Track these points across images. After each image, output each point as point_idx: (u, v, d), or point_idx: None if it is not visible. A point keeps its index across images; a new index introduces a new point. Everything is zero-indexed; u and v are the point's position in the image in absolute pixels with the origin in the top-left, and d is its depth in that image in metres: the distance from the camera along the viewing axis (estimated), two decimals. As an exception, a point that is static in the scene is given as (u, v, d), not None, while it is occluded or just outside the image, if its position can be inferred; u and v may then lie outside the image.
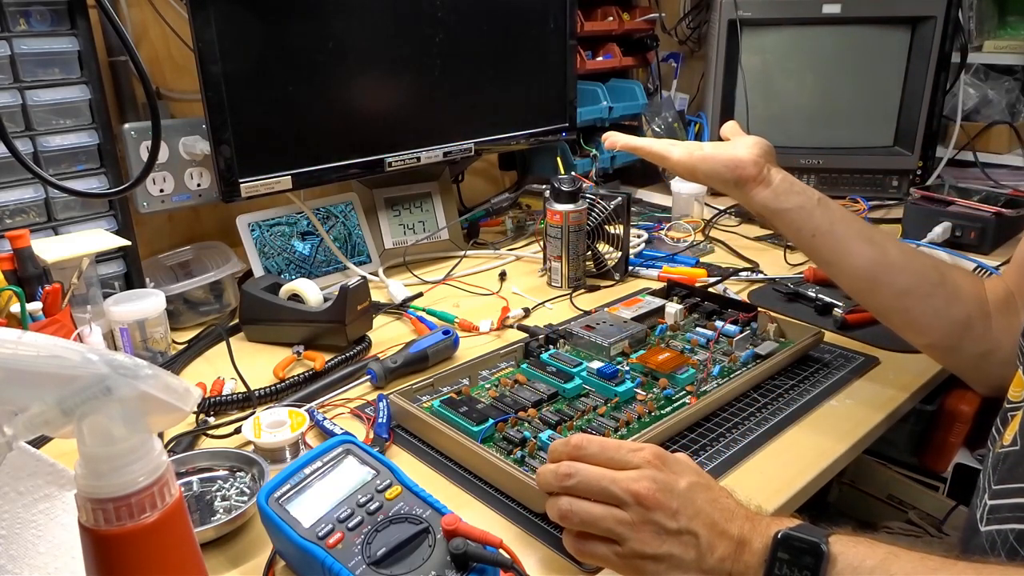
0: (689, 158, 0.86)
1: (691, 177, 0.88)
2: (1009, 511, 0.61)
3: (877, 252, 0.81)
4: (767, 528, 0.54)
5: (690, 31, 1.92)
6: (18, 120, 0.91)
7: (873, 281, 0.82)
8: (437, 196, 1.33)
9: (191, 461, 0.72)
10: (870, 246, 0.81)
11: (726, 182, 0.84)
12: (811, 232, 0.83)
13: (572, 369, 0.84)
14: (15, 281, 0.83)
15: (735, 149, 0.85)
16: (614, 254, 1.21)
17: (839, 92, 1.56)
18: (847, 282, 0.84)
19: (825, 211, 0.82)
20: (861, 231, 0.82)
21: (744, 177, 0.83)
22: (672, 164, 0.87)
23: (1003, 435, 0.67)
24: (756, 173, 0.83)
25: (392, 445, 0.77)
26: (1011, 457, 0.63)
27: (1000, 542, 0.61)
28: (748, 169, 0.83)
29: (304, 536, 0.54)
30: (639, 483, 0.55)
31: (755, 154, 0.84)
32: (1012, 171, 1.69)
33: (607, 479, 0.56)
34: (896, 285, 0.81)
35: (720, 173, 0.84)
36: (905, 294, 0.81)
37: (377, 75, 1.15)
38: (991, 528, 0.62)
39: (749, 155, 0.83)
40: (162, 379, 0.42)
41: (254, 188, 1.04)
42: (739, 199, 0.86)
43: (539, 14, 1.32)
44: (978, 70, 1.76)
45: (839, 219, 0.82)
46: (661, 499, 0.54)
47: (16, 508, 0.53)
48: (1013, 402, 0.68)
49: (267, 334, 1.01)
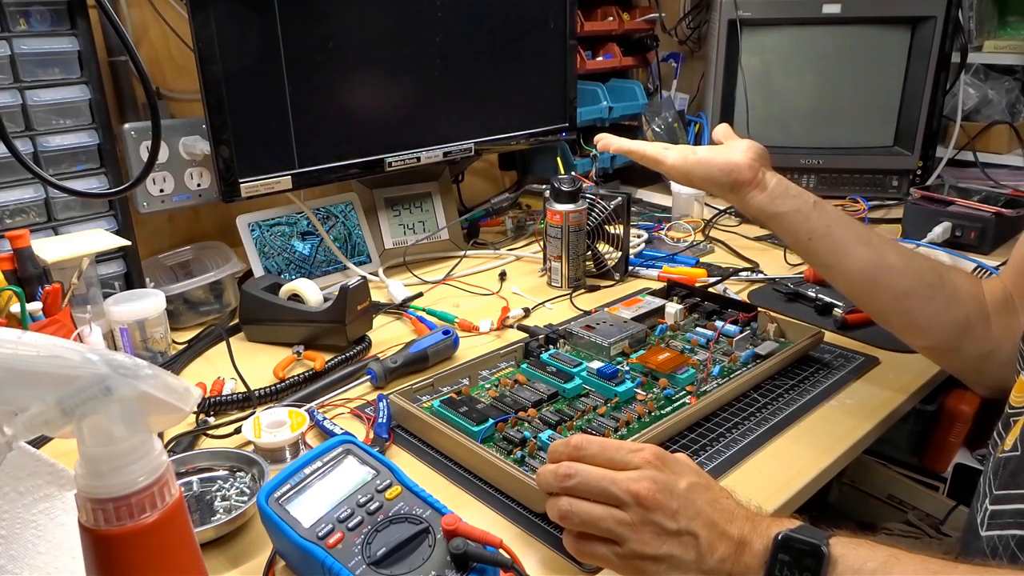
0: (684, 163, 0.85)
1: (686, 182, 0.87)
2: (1011, 517, 0.61)
3: (875, 254, 0.81)
4: (768, 529, 0.54)
5: (690, 31, 1.92)
6: (18, 120, 0.91)
7: (871, 284, 0.82)
8: (437, 196, 1.33)
9: (191, 461, 0.72)
10: (868, 248, 0.81)
11: (721, 186, 0.84)
12: (807, 235, 0.82)
13: (572, 369, 0.85)
14: (15, 281, 0.83)
15: (730, 153, 0.84)
16: (614, 254, 1.21)
17: (839, 92, 1.56)
18: (845, 285, 0.84)
19: (821, 214, 0.82)
20: (858, 233, 0.82)
21: (739, 181, 0.83)
22: (667, 169, 0.87)
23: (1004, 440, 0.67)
24: (752, 177, 0.82)
25: (392, 445, 0.77)
26: (1012, 463, 0.63)
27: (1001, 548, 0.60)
28: (743, 173, 0.82)
29: (304, 536, 0.54)
30: (639, 483, 0.55)
31: (750, 157, 0.83)
32: (1012, 171, 1.69)
33: (607, 480, 0.56)
34: (895, 287, 0.81)
35: (715, 177, 0.84)
36: (904, 296, 0.80)
37: (377, 75, 1.15)
38: (992, 533, 0.62)
39: (744, 159, 0.83)
40: (162, 379, 0.42)
41: (254, 188, 1.04)
42: (735, 203, 0.85)
43: (539, 14, 1.32)
44: (978, 70, 1.76)
45: (835, 222, 0.82)
46: (661, 500, 0.54)
47: (16, 508, 0.53)
48: (1015, 407, 0.68)
49: (267, 334, 1.01)
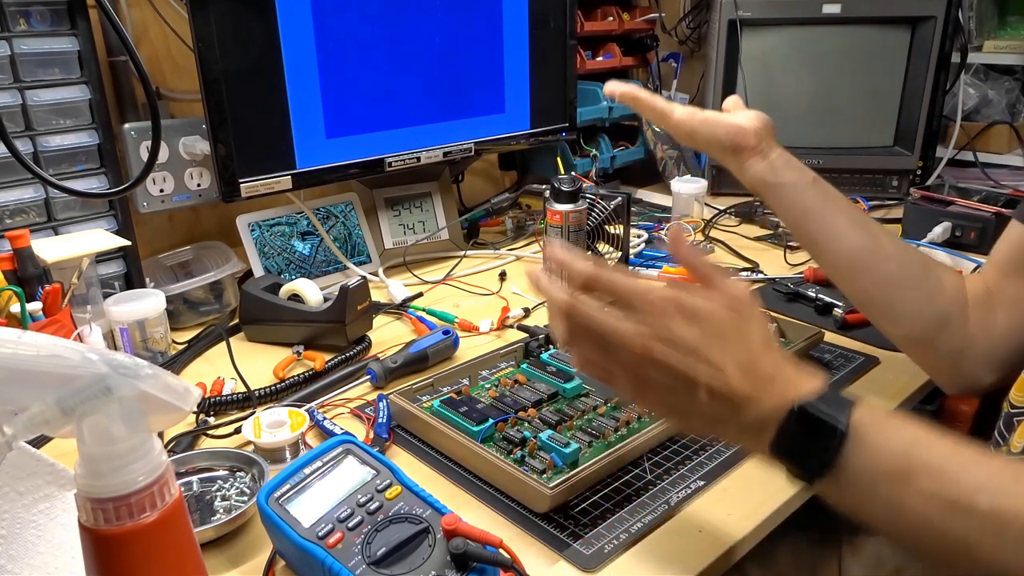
0: (690, 119, 0.84)
1: (689, 141, 0.86)
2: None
3: (866, 238, 0.80)
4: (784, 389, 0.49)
5: (690, 31, 1.92)
6: (18, 120, 0.91)
7: (858, 266, 0.81)
8: (437, 196, 1.33)
9: (191, 461, 0.72)
10: (860, 232, 0.81)
11: (724, 149, 0.84)
12: (802, 210, 0.82)
13: (572, 369, 0.84)
14: (15, 281, 0.83)
15: (736, 118, 0.84)
16: (614, 254, 1.21)
17: (839, 92, 1.56)
18: (831, 266, 0.83)
19: (818, 191, 0.82)
20: (852, 216, 0.82)
21: (742, 145, 0.82)
22: (672, 123, 0.86)
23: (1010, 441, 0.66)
24: (756, 143, 0.82)
25: (392, 445, 0.77)
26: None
27: None
28: (748, 138, 0.82)
29: (304, 536, 0.54)
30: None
31: (756, 126, 0.83)
32: (1012, 171, 1.69)
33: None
34: (881, 272, 0.80)
35: (719, 139, 0.83)
36: (888, 282, 0.80)
37: (377, 75, 1.15)
38: None
39: (750, 125, 0.83)
40: (162, 379, 0.42)
41: (254, 188, 1.04)
42: (734, 169, 0.85)
43: (539, 14, 1.32)
44: (978, 70, 1.76)
45: (832, 200, 0.82)
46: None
47: (16, 508, 0.53)
48: (1018, 407, 0.67)
49: (267, 334, 1.01)
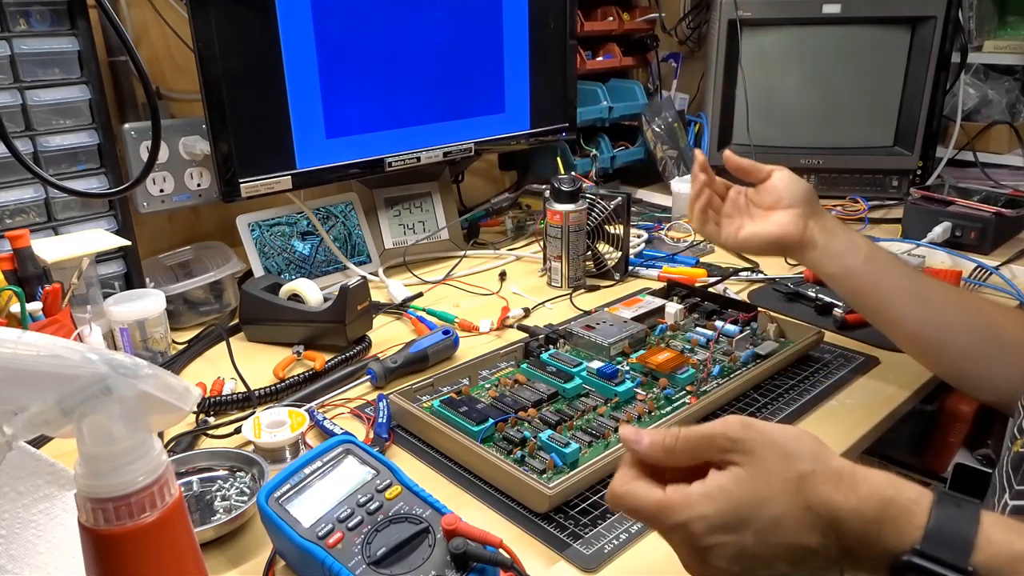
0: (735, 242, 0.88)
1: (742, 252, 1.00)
2: None
3: (926, 313, 0.79)
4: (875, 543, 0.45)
5: (690, 31, 1.92)
6: (18, 120, 0.91)
7: (925, 346, 0.81)
8: (437, 196, 1.33)
9: (191, 461, 0.72)
10: (919, 307, 0.79)
11: (777, 255, 0.89)
12: (853, 292, 0.83)
13: (572, 369, 0.84)
14: (15, 281, 0.83)
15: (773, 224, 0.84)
16: (614, 254, 1.21)
17: (839, 92, 1.56)
18: (900, 343, 0.85)
19: (870, 269, 0.81)
20: (908, 289, 0.80)
21: (789, 247, 0.84)
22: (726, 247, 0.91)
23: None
24: (799, 237, 0.83)
25: (392, 445, 0.77)
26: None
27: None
28: (791, 240, 0.83)
29: (304, 536, 0.54)
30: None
31: (794, 215, 0.83)
32: (1012, 171, 1.69)
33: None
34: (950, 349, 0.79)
35: (768, 251, 0.87)
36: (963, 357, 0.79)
37: (377, 75, 1.15)
38: None
39: (787, 220, 0.83)
40: (162, 379, 0.42)
41: (254, 188, 1.04)
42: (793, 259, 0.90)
43: (539, 14, 1.32)
44: (978, 70, 1.76)
45: (883, 278, 0.81)
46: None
47: (16, 508, 0.53)
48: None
49: (267, 334, 1.01)
